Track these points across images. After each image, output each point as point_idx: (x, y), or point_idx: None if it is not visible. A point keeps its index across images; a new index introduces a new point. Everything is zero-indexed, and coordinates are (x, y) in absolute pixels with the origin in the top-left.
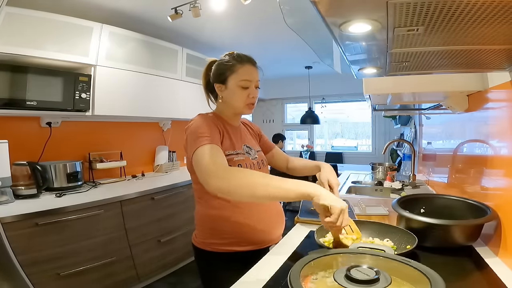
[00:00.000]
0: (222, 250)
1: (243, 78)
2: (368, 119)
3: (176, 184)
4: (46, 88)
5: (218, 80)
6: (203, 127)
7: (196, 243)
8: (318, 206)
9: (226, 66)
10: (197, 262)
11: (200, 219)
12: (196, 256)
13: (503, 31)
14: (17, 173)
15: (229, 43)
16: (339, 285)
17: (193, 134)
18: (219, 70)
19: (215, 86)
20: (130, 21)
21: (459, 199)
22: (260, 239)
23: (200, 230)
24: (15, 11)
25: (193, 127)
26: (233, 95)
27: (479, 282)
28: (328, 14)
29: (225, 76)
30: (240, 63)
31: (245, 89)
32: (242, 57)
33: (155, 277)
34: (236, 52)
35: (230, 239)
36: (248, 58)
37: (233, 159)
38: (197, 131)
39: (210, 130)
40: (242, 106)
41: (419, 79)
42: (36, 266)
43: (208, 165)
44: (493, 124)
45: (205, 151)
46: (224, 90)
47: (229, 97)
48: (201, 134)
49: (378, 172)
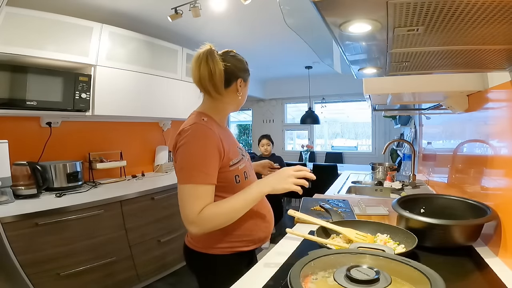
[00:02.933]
0: (227, 252)
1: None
2: (368, 119)
3: (176, 184)
4: (46, 88)
5: (243, 76)
6: (205, 156)
7: (196, 248)
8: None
9: (246, 65)
10: (195, 266)
11: None
12: (195, 261)
13: (503, 31)
14: (17, 173)
15: (229, 43)
16: (339, 285)
17: (192, 159)
18: (243, 65)
19: (239, 80)
20: (130, 21)
21: (459, 199)
22: (262, 237)
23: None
24: (15, 11)
25: (194, 147)
26: (246, 93)
27: (479, 282)
28: (328, 14)
29: (248, 73)
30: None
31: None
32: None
33: (155, 277)
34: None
35: (237, 240)
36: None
37: (239, 168)
38: (197, 159)
39: (212, 158)
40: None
41: (419, 79)
42: (36, 266)
43: (189, 215)
44: (493, 124)
45: (193, 193)
46: (244, 87)
47: (244, 95)
48: (199, 166)
49: (378, 172)
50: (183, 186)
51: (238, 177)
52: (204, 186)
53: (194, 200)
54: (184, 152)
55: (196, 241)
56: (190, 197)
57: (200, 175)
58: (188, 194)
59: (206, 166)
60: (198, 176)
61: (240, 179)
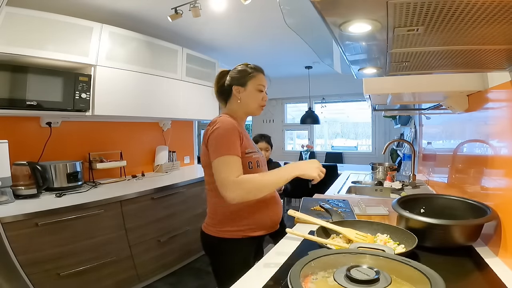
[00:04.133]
0: (237, 236)
1: (260, 82)
2: (368, 119)
3: (176, 184)
4: (46, 88)
5: (238, 83)
6: (231, 135)
7: (210, 232)
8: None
9: (246, 72)
10: (208, 249)
11: (216, 210)
12: (208, 244)
13: (503, 31)
14: (17, 173)
15: (229, 43)
16: (339, 285)
17: (222, 139)
18: (240, 74)
19: (234, 88)
20: (130, 21)
21: (459, 199)
22: (269, 224)
23: (215, 219)
24: (15, 11)
25: (222, 130)
26: (250, 96)
27: (479, 282)
28: (328, 14)
29: (245, 80)
30: (257, 72)
31: (260, 92)
32: (258, 67)
33: (155, 277)
34: (249, 64)
35: (247, 226)
36: (261, 68)
37: (252, 156)
38: (225, 138)
39: (236, 139)
40: (256, 107)
41: (419, 79)
42: (36, 266)
43: (224, 179)
44: (493, 124)
45: (226, 162)
46: (242, 92)
47: (247, 98)
48: (227, 142)
49: (378, 172)
50: (218, 159)
51: (251, 163)
52: (234, 157)
53: (227, 167)
54: (217, 135)
55: (211, 225)
56: (224, 165)
57: (230, 148)
58: (222, 163)
59: (234, 143)
60: (229, 149)
61: (252, 165)
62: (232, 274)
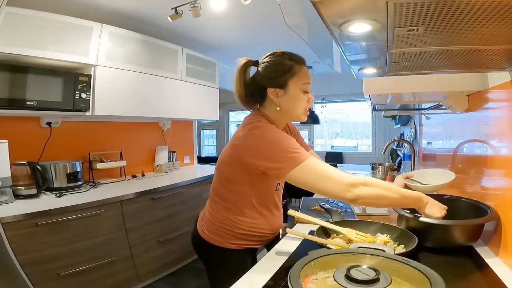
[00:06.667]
0: (240, 248)
1: (305, 80)
2: (368, 119)
3: (176, 184)
4: (46, 88)
5: (274, 84)
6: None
7: (210, 240)
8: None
9: (283, 67)
10: (205, 256)
11: (220, 221)
12: (206, 250)
13: (503, 31)
14: (17, 173)
15: (229, 43)
16: (339, 285)
17: (282, 148)
18: (275, 73)
19: (270, 90)
20: (130, 21)
21: (459, 199)
22: (271, 237)
23: (219, 230)
24: (15, 11)
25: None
26: (295, 100)
27: (479, 282)
28: (328, 14)
29: (284, 79)
30: (298, 64)
31: (306, 93)
32: (298, 57)
33: (155, 277)
34: (286, 51)
35: (252, 241)
36: (302, 58)
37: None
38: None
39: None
40: (302, 113)
41: (419, 79)
42: (36, 266)
43: (335, 187)
44: (493, 124)
45: (313, 167)
46: (282, 96)
47: (290, 103)
48: (293, 148)
49: (378, 172)
50: (299, 169)
51: (279, 185)
52: (312, 158)
53: (325, 172)
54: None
55: (213, 233)
56: (318, 171)
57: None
58: (313, 169)
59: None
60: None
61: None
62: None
